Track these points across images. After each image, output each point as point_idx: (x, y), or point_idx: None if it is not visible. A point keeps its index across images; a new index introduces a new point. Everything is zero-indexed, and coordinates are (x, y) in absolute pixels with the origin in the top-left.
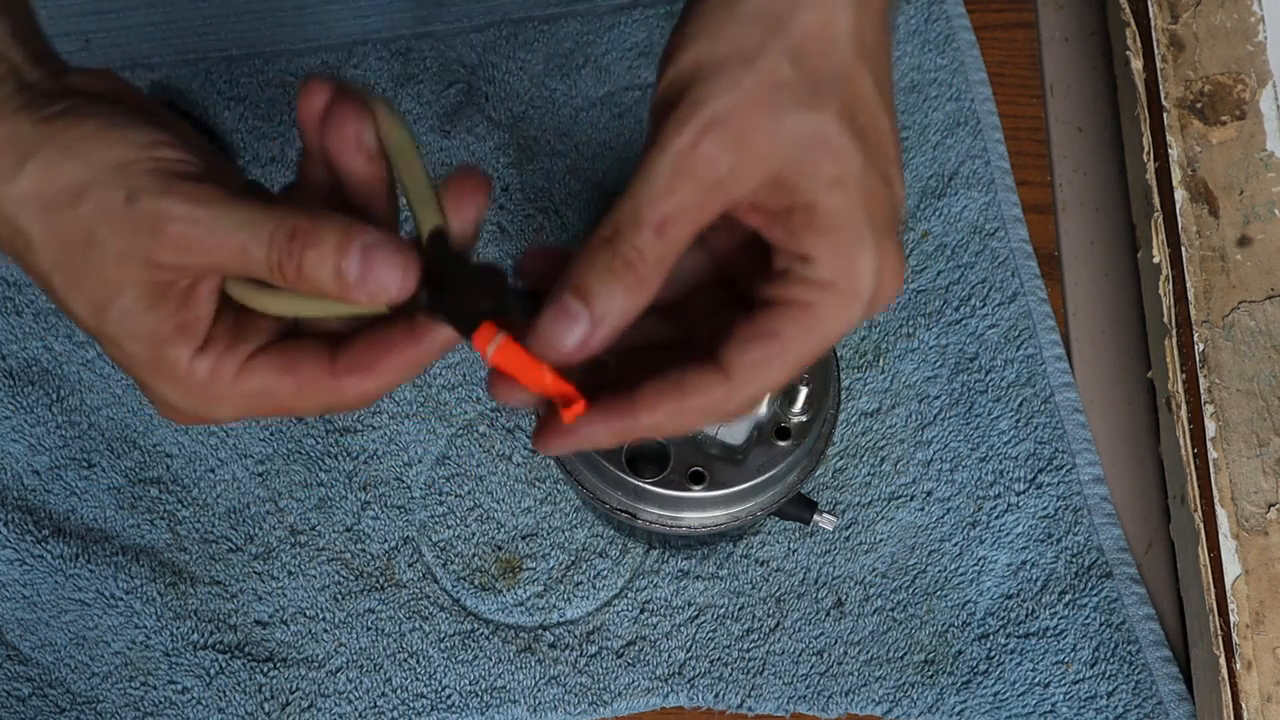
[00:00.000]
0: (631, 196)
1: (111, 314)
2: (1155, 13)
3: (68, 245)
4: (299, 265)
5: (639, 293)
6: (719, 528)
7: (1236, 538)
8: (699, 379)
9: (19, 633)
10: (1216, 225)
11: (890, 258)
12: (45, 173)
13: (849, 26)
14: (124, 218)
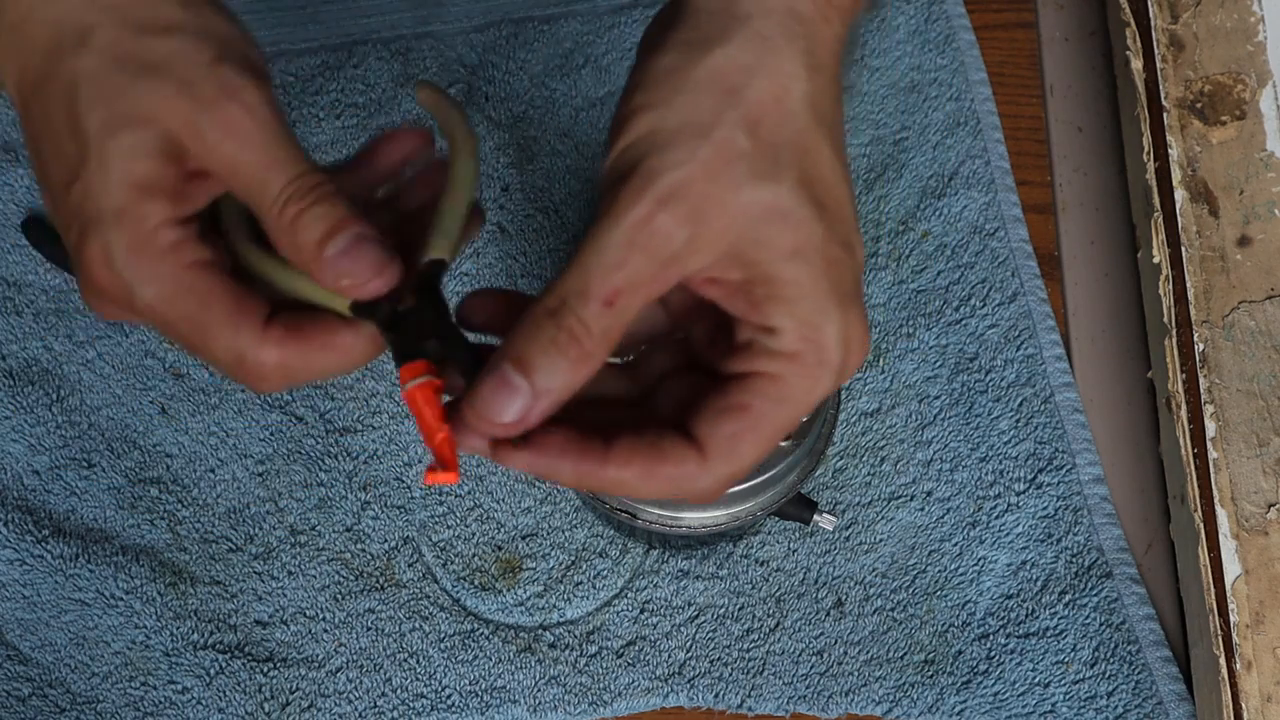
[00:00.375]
0: (580, 267)
1: (121, 139)
2: (1155, 13)
3: (125, 58)
4: (298, 214)
5: (583, 366)
6: (719, 528)
7: (1236, 538)
8: (675, 449)
9: (19, 633)
10: (1216, 225)
11: (855, 325)
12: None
13: (803, 94)
14: (201, 70)
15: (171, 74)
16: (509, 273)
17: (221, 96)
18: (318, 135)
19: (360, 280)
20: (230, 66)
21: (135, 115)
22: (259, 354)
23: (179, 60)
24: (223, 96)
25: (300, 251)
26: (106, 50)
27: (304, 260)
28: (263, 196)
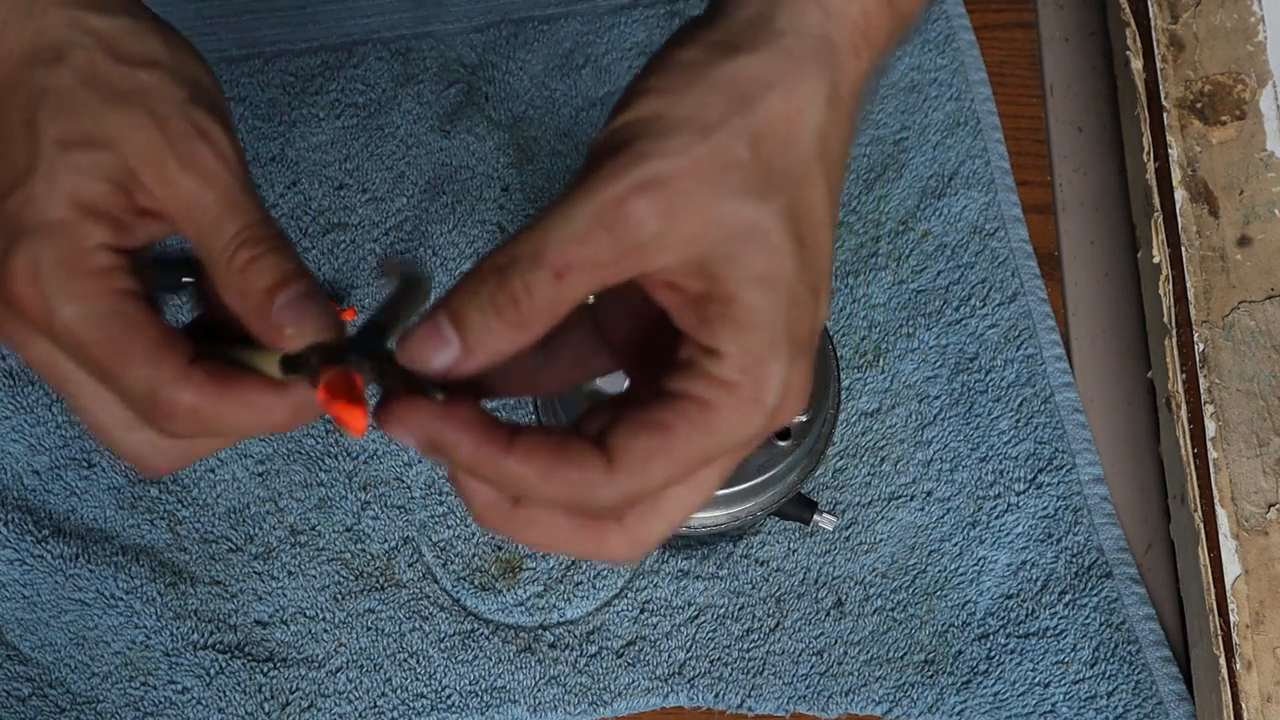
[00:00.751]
0: (540, 230)
1: (76, 155)
2: (1155, 13)
3: (100, 81)
4: (251, 260)
5: (517, 333)
6: (719, 528)
7: (1236, 538)
8: (582, 453)
9: (19, 633)
10: (1216, 225)
11: (799, 375)
12: (133, 23)
13: (816, 124)
14: (174, 105)
15: (144, 104)
16: None
17: (192, 133)
18: (318, 135)
19: (304, 330)
20: (202, 108)
21: (97, 136)
22: (175, 393)
23: (154, 93)
24: (193, 134)
25: (246, 297)
26: (82, 70)
27: (248, 307)
28: (216, 238)
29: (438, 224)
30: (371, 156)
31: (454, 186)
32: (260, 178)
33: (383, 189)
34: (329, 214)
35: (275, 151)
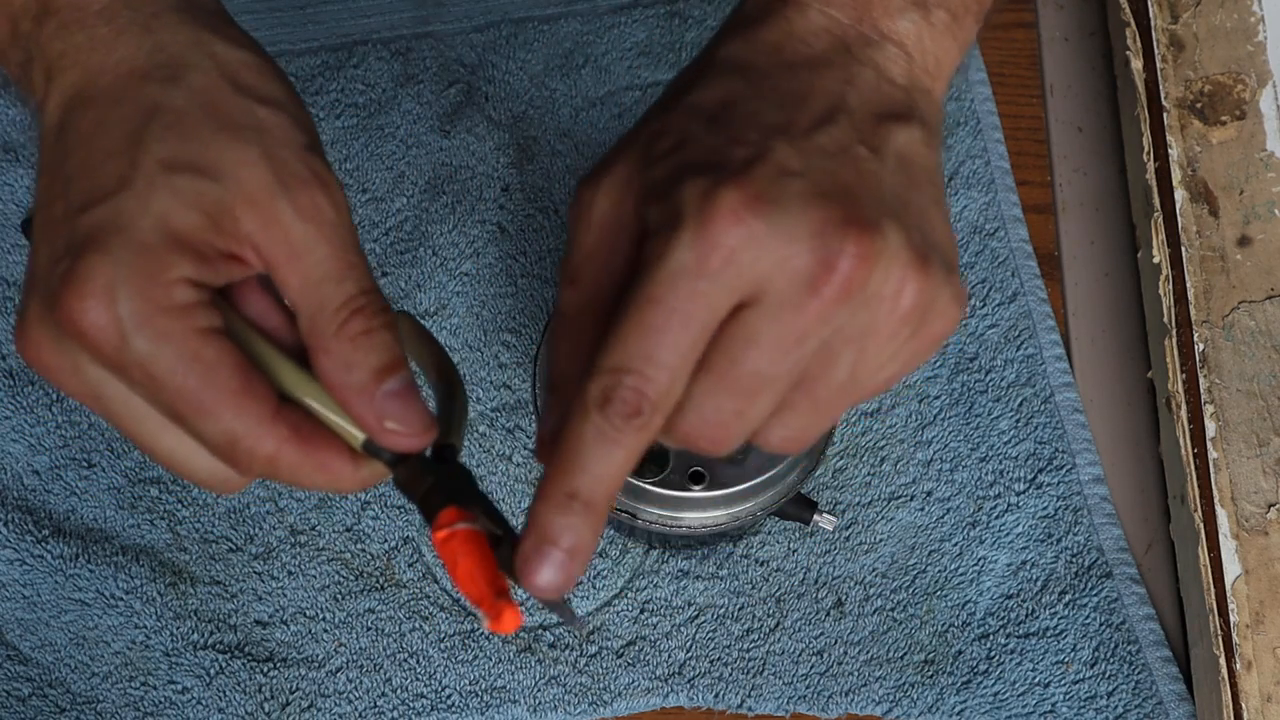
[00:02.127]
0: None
1: (179, 180)
2: (1155, 13)
3: (217, 109)
4: (363, 334)
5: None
6: (719, 528)
7: (1236, 538)
8: None
9: (19, 633)
10: (1216, 225)
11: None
12: (256, 58)
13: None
14: (294, 150)
15: (260, 141)
16: (509, 273)
17: (311, 180)
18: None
19: (407, 431)
20: (321, 159)
21: (205, 165)
22: (256, 443)
23: (274, 132)
24: (312, 181)
25: (350, 371)
26: (200, 94)
27: (349, 382)
28: (325, 297)
29: (438, 224)
30: (371, 156)
31: (454, 186)
32: None
33: (383, 189)
34: None
35: None
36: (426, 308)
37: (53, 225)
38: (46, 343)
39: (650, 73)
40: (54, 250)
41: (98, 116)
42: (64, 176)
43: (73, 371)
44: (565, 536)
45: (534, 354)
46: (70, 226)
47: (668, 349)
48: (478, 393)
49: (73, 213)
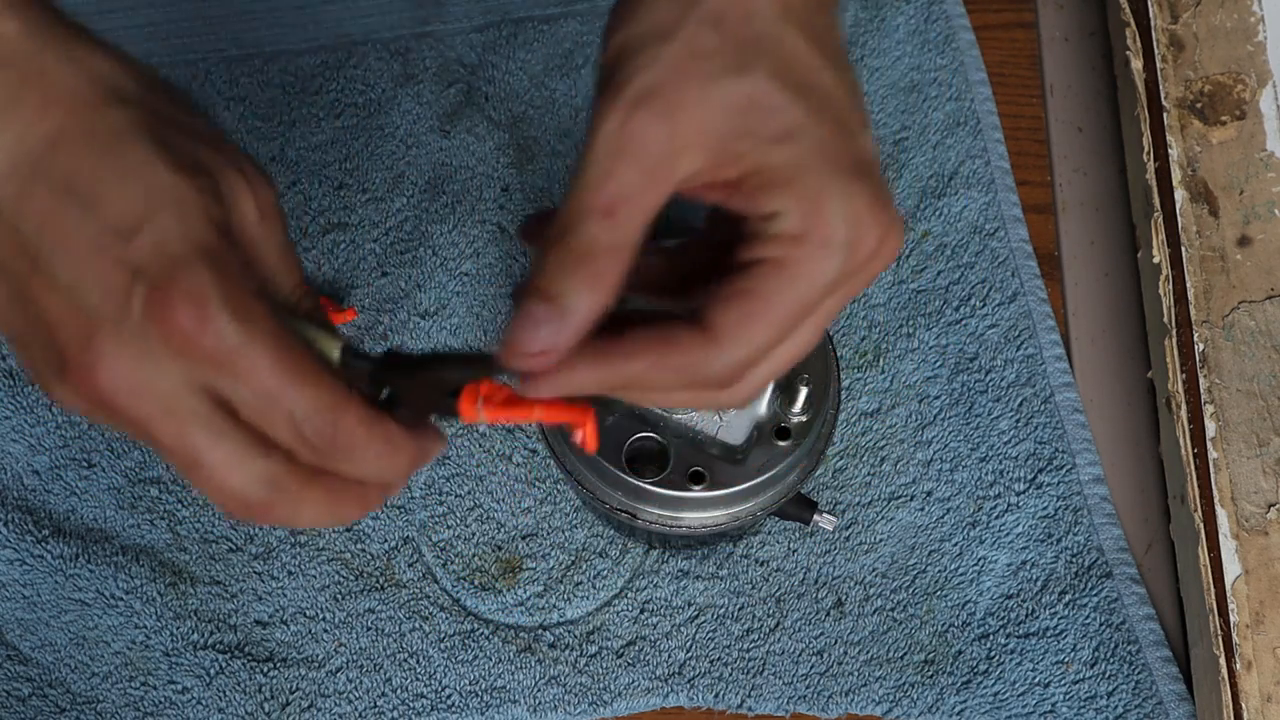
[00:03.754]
0: (574, 189)
1: (196, 180)
2: (1155, 13)
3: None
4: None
5: (600, 284)
6: (719, 528)
7: (1236, 538)
8: (684, 335)
9: (19, 633)
10: (1216, 225)
11: (862, 199)
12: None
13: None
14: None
15: (219, 142)
16: (509, 272)
17: (264, 178)
18: (317, 135)
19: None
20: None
21: (204, 166)
22: (341, 414)
23: (215, 134)
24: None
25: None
26: (158, 110)
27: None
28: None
29: (438, 224)
30: (371, 156)
31: (454, 186)
32: None
33: (383, 189)
34: (329, 214)
35: (275, 151)
36: (426, 308)
37: (89, 261)
38: (128, 366)
39: None
40: (114, 279)
41: (73, 156)
42: (72, 216)
43: (149, 389)
44: (550, 333)
45: None
46: (122, 254)
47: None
48: None
49: (115, 241)
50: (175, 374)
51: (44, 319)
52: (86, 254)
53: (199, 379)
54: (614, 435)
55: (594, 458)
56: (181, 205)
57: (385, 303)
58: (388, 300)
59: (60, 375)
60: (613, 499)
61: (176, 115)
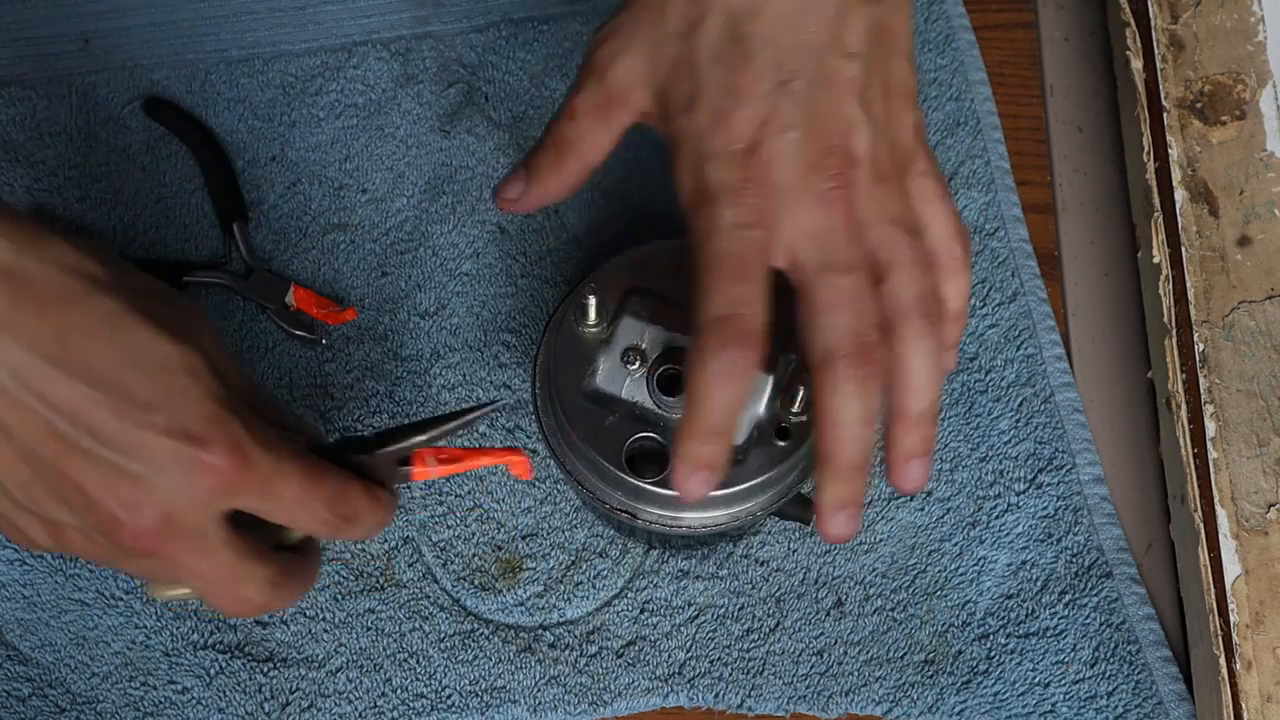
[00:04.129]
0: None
1: (208, 329)
2: (1155, 13)
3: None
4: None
5: (561, 163)
6: (719, 528)
7: (1236, 538)
8: None
9: (19, 633)
10: (1216, 225)
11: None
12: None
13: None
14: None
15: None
16: (509, 273)
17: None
18: (317, 136)
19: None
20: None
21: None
22: (357, 491)
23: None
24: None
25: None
26: (122, 287)
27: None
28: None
29: (438, 224)
30: (371, 157)
31: (454, 186)
32: (260, 178)
33: (383, 189)
34: (329, 214)
35: (275, 152)
36: (426, 308)
37: (128, 436)
38: (173, 516)
39: None
40: (155, 448)
41: (82, 345)
42: (102, 401)
43: (189, 531)
44: (710, 460)
45: (534, 354)
46: (157, 424)
47: (746, 283)
48: (478, 393)
49: (146, 414)
50: (206, 512)
51: (84, 491)
52: (124, 431)
53: (222, 509)
54: (614, 435)
55: (594, 457)
56: (192, 371)
57: (385, 303)
58: (388, 300)
59: (111, 534)
60: (612, 499)
61: (139, 284)
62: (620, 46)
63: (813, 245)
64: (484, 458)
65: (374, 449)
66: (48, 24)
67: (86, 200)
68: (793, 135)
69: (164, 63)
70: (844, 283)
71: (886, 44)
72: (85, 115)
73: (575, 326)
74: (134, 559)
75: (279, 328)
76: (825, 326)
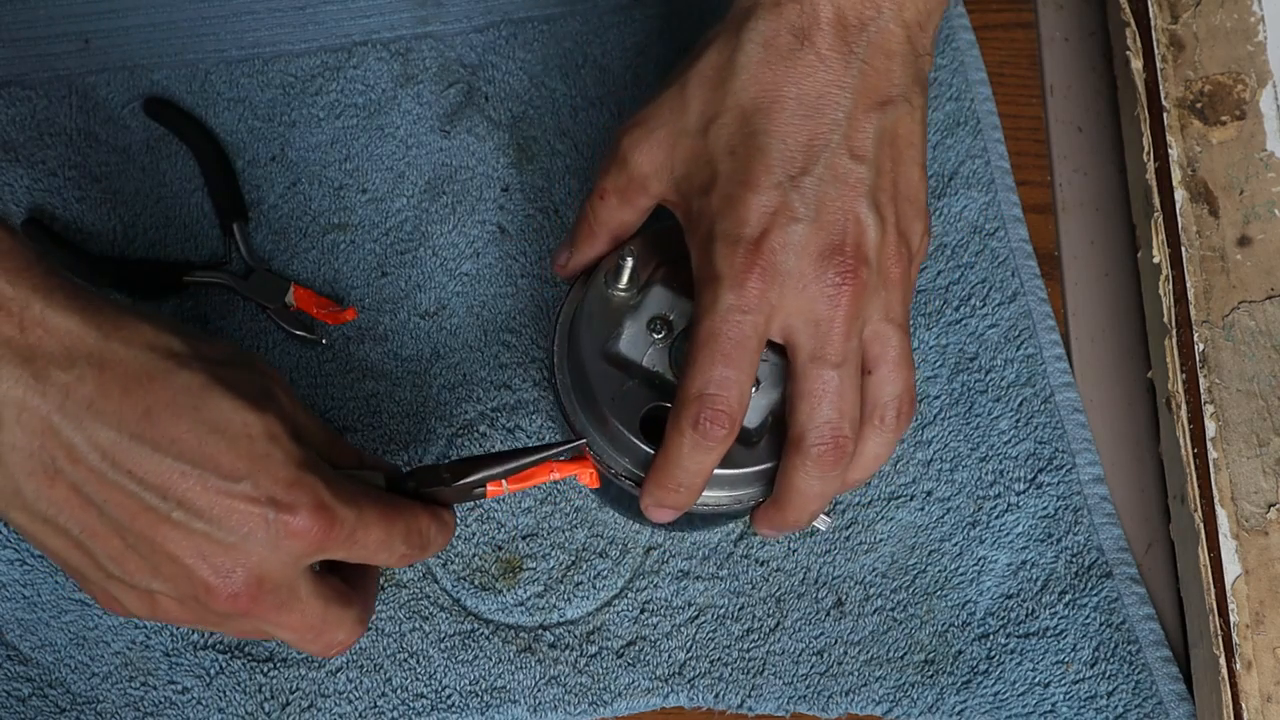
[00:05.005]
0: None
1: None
2: (1155, 13)
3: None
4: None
5: (594, 236)
6: (720, 507)
7: (1236, 538)
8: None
9: (19, 633)
10: (1216, 225)
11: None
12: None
13: (747, 62)
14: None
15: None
16: (509, 272)
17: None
18: (317, 135)
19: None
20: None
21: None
22: (425, 523)
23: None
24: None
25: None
26: (201, 358)
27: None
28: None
29: (438, 224)
30: (371, 157)
31: (454, 186)
32: (260, 178)
33: (383, 189)
34: (329, 214)
35: (275, 152)
36: (426, 308)
37: (219, 505)
38: (266, 578)
39: (650, 73)
40: (246, 516)
41: (168, 422)
42: (192, 474)
43: (281, 589)
44: (676, 504)
45: (555, 310)
46: (246, 493)
47: (732, 370)
48: (478, 393)
49: (235, 484)
50: (295, 570)
51: (177, 560)
52: (212, 501)
53: (309, 563)
54: (630, 401)
55: (607, 418)
56: (272, 437)
57: (385, 303)
58: (388, 300)
59: (205, 600)
60: (619, 464)
61: (217, 354)
62: (643, 136)
63: (808, 333)
64: (554, 472)
65: (450, 481)
66: (48, 24)
67: (86, 200)
68: (801, 228)
69: (164, 63)
70: (831, 376)
71: (897, 150)
72: (85, 115)
73: (605, 288)
74: (228, 621)
75: (279, 328)
76: (806, 412)
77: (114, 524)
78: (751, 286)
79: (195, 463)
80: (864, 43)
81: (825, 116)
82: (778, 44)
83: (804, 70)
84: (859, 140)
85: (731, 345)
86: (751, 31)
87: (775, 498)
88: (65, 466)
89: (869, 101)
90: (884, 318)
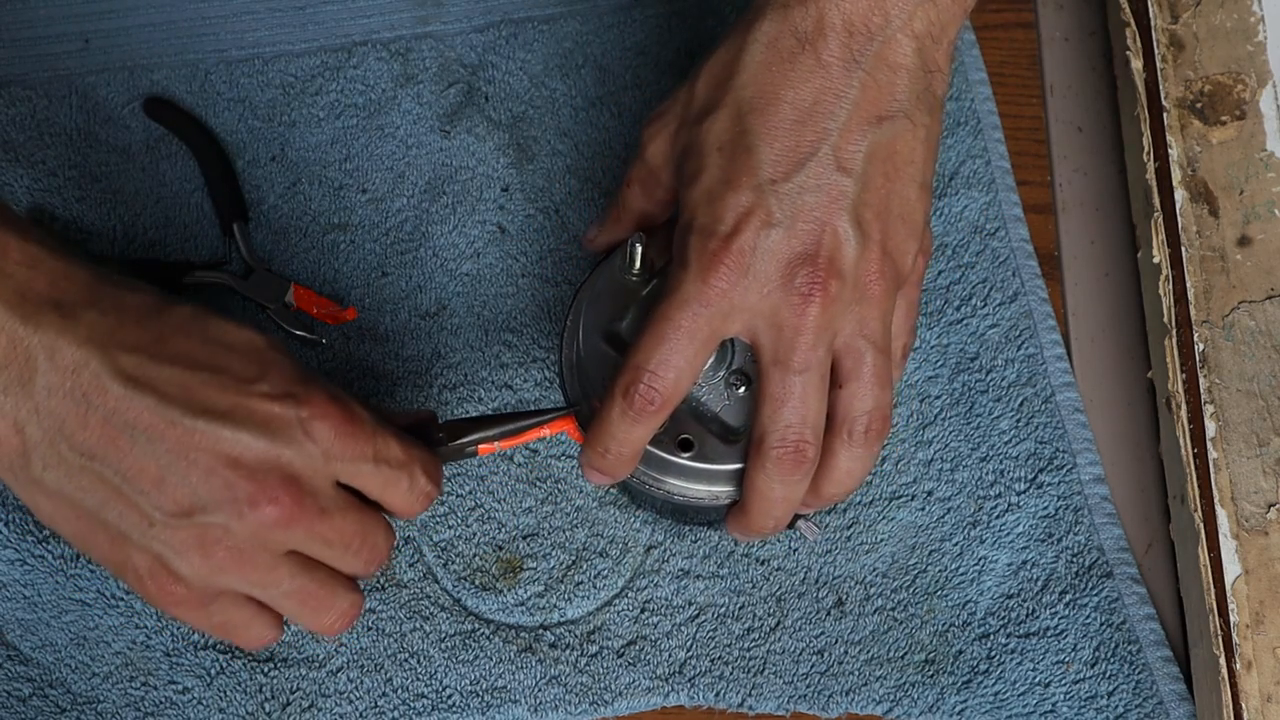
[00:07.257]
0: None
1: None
2: (1155, 13)
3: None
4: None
5: (620, 220)
6: (699, 501)
7: (1236, 538)
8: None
9: (19, 633)
10: (1216, 225)
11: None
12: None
13: (753, 63)
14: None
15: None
16: (509, 272)
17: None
18: (317, 136)
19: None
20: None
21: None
22: (432, 462)
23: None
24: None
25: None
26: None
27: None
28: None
29: (438, 224)
30: (371, 157)
31: (454, 186)
32: (260, 178)
33: (383, 189)
34: (329, 214)
35: (275, 152)
36: (427, 308)
37: (244, 402)
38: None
39: (650, 73)
40: (270, 409)
41: (181, 343)
42: (214, 381)
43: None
44: (603, 469)
45: (560, 330)
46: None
47: (676, 355)
48: (479, 393)
49: (253, 385)
50: (325, 478)
51: (213, 470)
52: (233, 401)
53: (335, 474)
54: None
55: (597, 398)
56: (276, 348)
57: (385, 303)
58: (388, 300)
59: (250, 513)
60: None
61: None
62: (658, 129)
63: (771, 336)
64: (543, 430)
65: (445, 440)
66: (48, 24)
67: (86, 200)
68: (774, 232)
69: (164, 63)
70: (794, 382)
71: (893, 167)
72: (85, 115)
73: (619, 272)
74: (272, 531)
75: (279, 328)
76: (768, 414)
77: (147, 448)
78: (714, 283)
79: (211, 370)
80: (870, 53)
81: (817, 124)
82: (780, 47)
83: (802, 75)
84: (848, 152)
85: (680, 333)
86: (758, 32)
87: (740, 499)
88: (96, 400)
89: (866, 114)
90: (858, 333)
